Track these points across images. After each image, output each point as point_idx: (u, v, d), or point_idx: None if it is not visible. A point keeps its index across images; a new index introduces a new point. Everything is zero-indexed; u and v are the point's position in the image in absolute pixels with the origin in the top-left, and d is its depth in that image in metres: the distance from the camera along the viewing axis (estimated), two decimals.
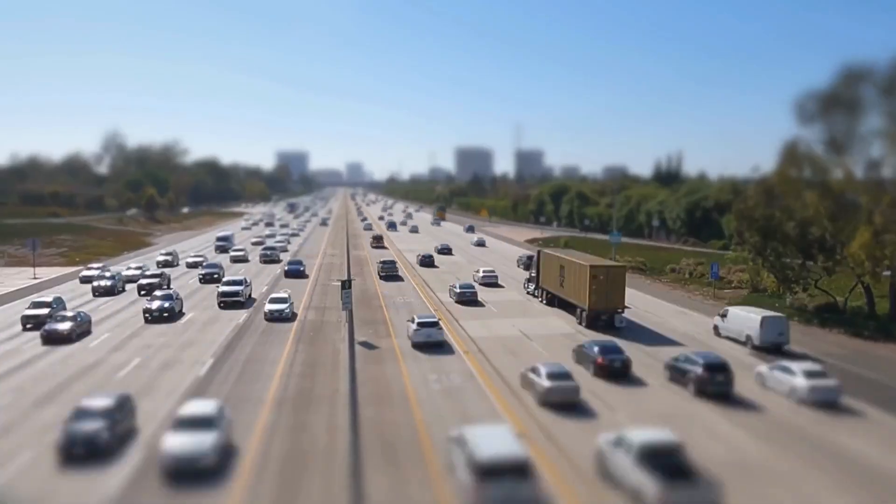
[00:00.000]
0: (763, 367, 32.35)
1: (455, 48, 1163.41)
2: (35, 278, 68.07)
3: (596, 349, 33.40)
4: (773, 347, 37.91)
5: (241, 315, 48.24)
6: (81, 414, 23.63)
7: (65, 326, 40.05)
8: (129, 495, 20.32)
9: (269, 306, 46.76)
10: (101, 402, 24.47)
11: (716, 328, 42.89)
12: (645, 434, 20.87)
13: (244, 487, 20.77)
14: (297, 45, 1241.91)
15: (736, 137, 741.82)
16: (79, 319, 41.65)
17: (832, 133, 45.81)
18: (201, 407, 23.90)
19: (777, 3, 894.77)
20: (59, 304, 47.31)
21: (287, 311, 46.45)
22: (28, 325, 43.66)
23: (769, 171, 51.36)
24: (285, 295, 49.16)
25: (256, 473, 21.76)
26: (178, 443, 21.59)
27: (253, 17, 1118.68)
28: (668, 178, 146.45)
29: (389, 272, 68.28)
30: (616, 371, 32.50)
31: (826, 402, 28.68)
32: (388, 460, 22.80)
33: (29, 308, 45.52)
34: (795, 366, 30.29)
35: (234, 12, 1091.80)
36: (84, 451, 22.38)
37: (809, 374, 29.42)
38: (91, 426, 22.85)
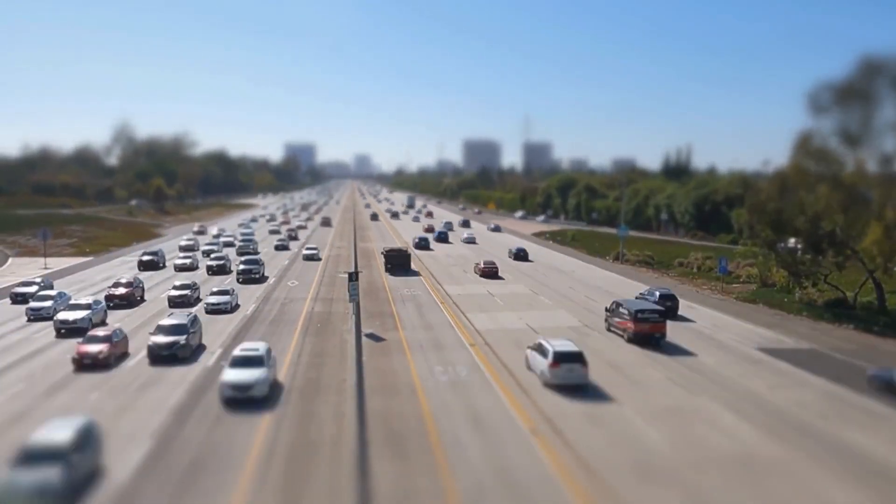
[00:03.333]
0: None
1: (463, 41, 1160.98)
2: (46, 268, 68.50)
3: None
4: None
5: (248, 308, 48.51)
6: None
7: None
8: None
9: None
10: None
11: None
12: None
13: (251, 476, 20.91)
14: (305, 38, 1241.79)
15: (745, 131, 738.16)
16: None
17: (846, 126, 45.55)
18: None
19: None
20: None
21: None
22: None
23: (781, 164, 51.24)
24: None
25: (264, 462, 21.90)
26: None
27: (261, 12, 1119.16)
28: (676, 171, 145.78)
29: None
30: None
31: None
32: (394, 450, 22.88)
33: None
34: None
35: (242, 6, 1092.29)
36: None
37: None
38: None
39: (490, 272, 64.65)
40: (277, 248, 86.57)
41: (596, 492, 20.21)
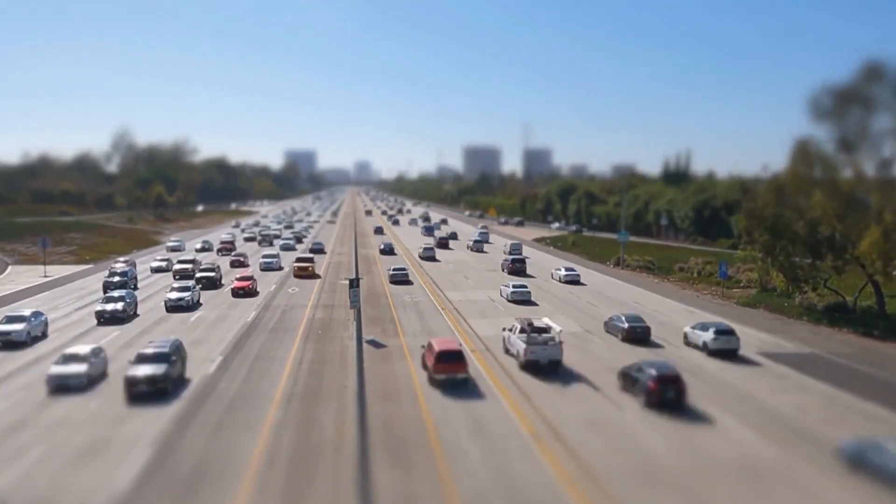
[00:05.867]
0: None
1: (463, 48, 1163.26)
2: (45, 276, 68.49)
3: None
4: None
5: (249, 315, 48.50)
6: None
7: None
8: None
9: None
10: None
11: None
12: None
13: (253, 481, 20.90)
14: (306, 46, 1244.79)
15: (745, 136, 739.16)
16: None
17: (844, 131, 45.64)
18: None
19: (786, 3, 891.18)
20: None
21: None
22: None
23: (779, 169, 51.27)
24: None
25: (265, 467, 21.89)
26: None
27: (261, 21, 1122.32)
28: (676, 176, 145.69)
29: None
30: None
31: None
32: (396, 457, 22.88)
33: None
34: None
35: (243, 11, 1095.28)
36: None
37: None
38: None
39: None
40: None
41: (598, 497, 20.20)
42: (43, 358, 35.49)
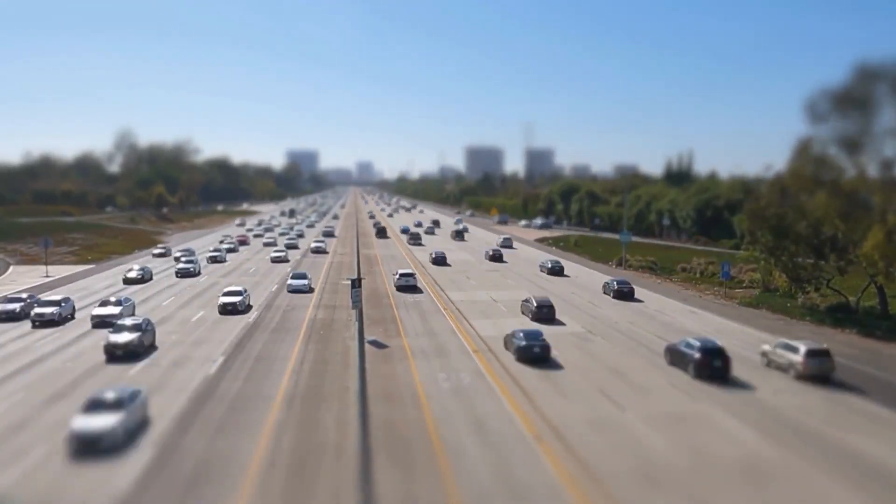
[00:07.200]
0: None
1: (465, 48, 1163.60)
2: (47, 276, 68.55)
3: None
4: None
5: (251, 316, 48.48)
6: None
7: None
8: None
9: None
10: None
11: None
12: None
13: (254, 482, 20.87)
14: (308, 47, 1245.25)
15: (747, 136, 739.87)
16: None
17: (845, 132, 45.50)
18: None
19: (787, 5, 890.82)
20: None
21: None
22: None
23: (781, 169, 51.16)
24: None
25: (266, 468, 21.86)
26: None
27: (262, 17, 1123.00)
28: (678, 176, 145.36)
29: None
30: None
31: None
32: (398, 458, 22.83)
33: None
34: None
35: (243, 12, 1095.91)
36: None
37: None
38: None
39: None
40: None
41: (600, 499, 20.15)
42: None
